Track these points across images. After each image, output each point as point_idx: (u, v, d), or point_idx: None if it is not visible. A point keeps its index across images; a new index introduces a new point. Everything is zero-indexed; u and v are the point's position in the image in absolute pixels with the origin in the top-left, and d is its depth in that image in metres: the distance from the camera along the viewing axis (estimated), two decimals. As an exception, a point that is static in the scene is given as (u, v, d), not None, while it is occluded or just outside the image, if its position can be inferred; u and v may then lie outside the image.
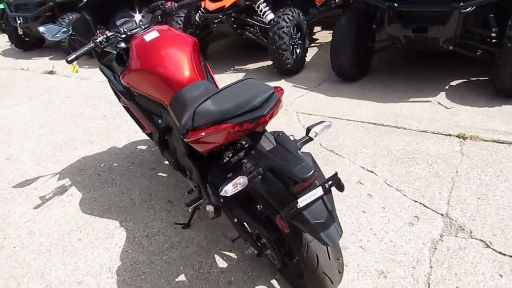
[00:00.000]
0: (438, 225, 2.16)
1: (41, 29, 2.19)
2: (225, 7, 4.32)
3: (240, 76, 4.62)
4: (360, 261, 2.00)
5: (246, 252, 1.90)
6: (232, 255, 2.11)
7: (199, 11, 4.53)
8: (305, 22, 4.48)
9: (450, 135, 2.96)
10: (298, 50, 4.46)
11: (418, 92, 3.65)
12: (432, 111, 3.32)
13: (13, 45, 6.73)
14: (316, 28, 5.98)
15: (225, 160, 1.80)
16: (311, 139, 1.53)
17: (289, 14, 4.21)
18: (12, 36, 6.43)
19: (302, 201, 1.30)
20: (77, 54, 2.01)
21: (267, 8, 4.42)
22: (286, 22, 4.16)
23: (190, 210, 2.17)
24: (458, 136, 2.92)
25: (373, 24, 3.87)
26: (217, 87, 2.37)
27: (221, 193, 1.32)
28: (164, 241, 2.26)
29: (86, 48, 2.07)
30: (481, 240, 2.03)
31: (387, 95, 3.66)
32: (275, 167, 1.35)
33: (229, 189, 1.32)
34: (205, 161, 1.87)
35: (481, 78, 3.72)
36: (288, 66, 4.29)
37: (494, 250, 1.97)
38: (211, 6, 4.39)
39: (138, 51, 1.97)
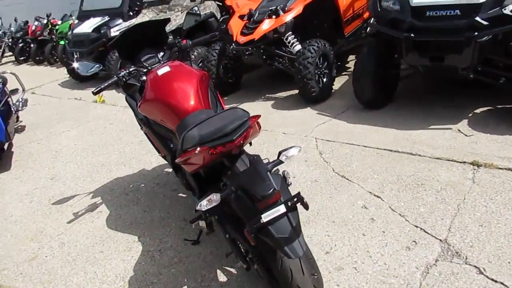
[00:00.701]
0: (435, 250, 2.18)
1: (75, 65, 2.55)
2: (255, 39, 4.60)
3: (269, 103, 4.83)
4: (351, 282, 2.07)
5: (237, 266, 2.05)
6: (233, 270, 2.26)
7: (233, 44, 4.85)
8: (332, 52, 4.65)
9: (464, 162, 2.95)
10: (324, 79, 4.62)
11: (440, 119, 3.65)
12: (450, 138, 3.32)
13: (70, 77, 7.48)
14: (351, 57, 6.10)
15: (222, 182, 1.98)
16: (281, 162, 1.68)
17: (314, 45, 4.40)
18: (70, 68, 7.15)
19: (266, 217, 1.45)
20: (102, 86, 2.33)
21: (295, 39, 4.65)
22: (311, 53, 4.35)
23: (193, 226, 2.36)
24: (472, 164, 2.91)
25: (395, 53, 3.96)
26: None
27: (197, 208, 1.50)
28: (174, 255, 2.46)
29: (110, 81, 2.38)
30: (475, 266, 2.04)
31: (408, 122, 3.69)
32: (244, 186, 1.52)
33: (203, 204, 1.50)
34: (206, 182, 2.06)
35: (508, 106, 3.66)
36: (314, 94, 4.45)
37: (487, 276, 1.97)
38: (242, 39, 4.69)
39: (151, 84, 2.25)
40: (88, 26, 6.67)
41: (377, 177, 2.95)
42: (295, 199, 1.51)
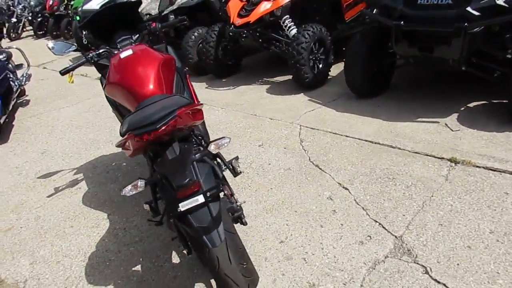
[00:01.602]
0: (387, 247, 2.17)
1: (50, 44, 2.60)
2: (251, 22, 4.55)
3: (264, 87, 4.81)
4: (297, 272, 2.09)
5: (180, 250, 2.09)
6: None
7: (230, 26, 4.81)
8: (329, 37, 4.55)
9: (442, 158, 2.88)
10: (320, 65, 4.54)
11: (430, 112, 3.55)
12: (435, 132, 3.23)
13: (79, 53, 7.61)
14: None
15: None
16: (210, 152, 1.68)
17: (309, 30, 4.32)
18: (78, 44, 7.27)
19: (183, 206, 1.47)
20: (70, 67, 2.38)
21: (292, 23, 4.57)
22: (306, 38, 4.27)
23: (144, 207, 2.39)
24: (450, 160, 2.84)
25: (389, 41, 3.85)
26: (193, 99, 2.62)
27: (121, 193, 1.54)
28: (136, 234, 2.54)
29: (79, 62, 2.42)
30: (423, 266, 2.02)
31: (396, 114, 3.61)
32: (166, 174, 1.54)
33: (127, 190, 1.53)
34: None
35: (502, 101, 3.52)
36: (307, 80, 4.39)
37: (431, 276, 1.95)
38: (238, 21, 4.64)
39: (113, 66, 2.27)
40: (96, 3, 6.72)
41: (351, 168, 2.92)
42: (215, 190, 1.53)
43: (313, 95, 4.37)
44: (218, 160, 1.95)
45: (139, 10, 2.98)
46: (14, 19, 10.87)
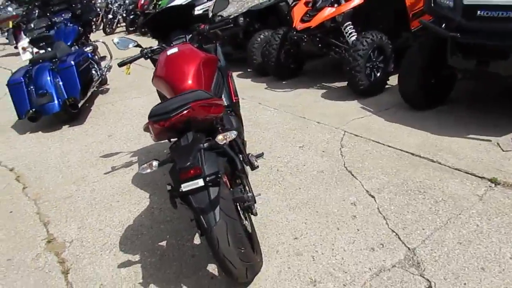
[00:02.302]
0: (397, 257, 2.17)
1: (115, 40, 2.96)
2: (311, 27, 4.65)
3: (320, 92, 4.87)
4: (302, 268, 2.18)
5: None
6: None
7: (293, 30, 4.95)
8: (390, 46, 4.48)
9: (483, 177, 2.76)
10: (378, 73, 4.49)
11: (483, 129, 3.37)
12: (483, 151, 3.08)
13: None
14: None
15: None
16: (217, 143, 1.84)
17: (368, 38, 4.30)
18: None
19: (185, 186, 1.66)
20: (127, 60, 2.71)
21: (353, 30, 4.59)
22: (363, 45, 4.27)
23: None
24: (490, 180, 2.71)
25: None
26: (231, 95, 2.81)
27: (138, 171, 1.77)
28: (169, 215, 2.80)
29: (135, 56, 2.75)
30: (427, 280, 2.00)
31: (446, 128, 3.48)
32: (174, 158, 1.74)
33: (143, 168, 1.76)
34: None
35: None
36: (362, 87, 4.38)
37: (432, 291, 1.93)
38: (299, 26, 4.76)
39: (160, 62, 2.54)
40: (179, 2, 7.27)
41: (383, 177, 2.91)
42: (214, 176, 1.69)
43: (366, 102, 4.34)
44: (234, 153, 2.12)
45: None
46: (110, 16, 12.07)
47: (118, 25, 12.38)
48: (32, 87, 4.45)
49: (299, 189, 2.90)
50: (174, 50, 2.57)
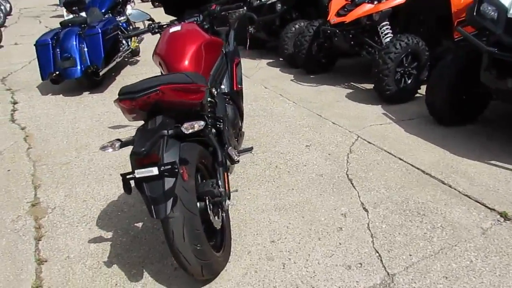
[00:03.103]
0: (372, 280, 2.00)
1: (129, 11, 2.91)
2: (345, 22, 4.40)
3: (346, 91, 4.64)
4: (269, 274, 2.05)
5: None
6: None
7: (327, 23, 4.72)
8: (427, 52, 4.17)
9: (493, 209, 2.49)
10: (408, 80, 4.21)
11: (509, 157, 3.06)
12: (502, 180, 2.79)
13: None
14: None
15: None
16: (181, 131, 1.72)
17: (403, 41, 4.02)
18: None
19: (138, 173, 1.56)
20: (131, 33, 2.65)
21: (389, 31, 4.31)
22: (396, 48, 4.00)
23: None
24: (500, 214, 2.44)
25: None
26: (233, 83, 2.68)
27: (99, 149, 1.70)
28: (154, 196, 2.73)
29: (141, 30, 2.68)
30: (397, 312, 1.82)
31: (468, 149, 3.20)
32: (134, 141, 1.65)
33: (105, 146, 1.68)
34: None
35: None
36: (388, 93, 4.12)
37: (398, 326, 1.75)
38: (333, 20, 4.53)
39: (161, 38, 2.45)
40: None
41: (384, 192, 2.71)
42: (164, 167, 1.58)
43: (391, 109, 4.08)
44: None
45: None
46: (160, -11, 12.19)
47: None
48: (58, 50, 4.52)
49: (291, 190, 2.76)
50: (177, 28, 2.47)
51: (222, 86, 2.61)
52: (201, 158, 1.99)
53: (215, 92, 2.41)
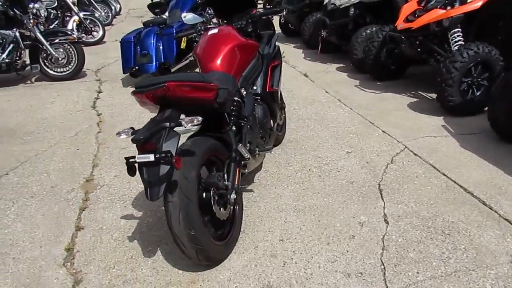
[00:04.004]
0: (367, 292, 1.97)
1: (183, 14, 3.16)
2: (412, 28, 4.22)
3: (408, 101, 4.44)
4: (268, 270, 2.12)
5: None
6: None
7: (394, 29, 4.56)
8: (501, 63, 3.82)
9: (533, 239, 2.26)
10: (477, 92, 3.90)
11: None
12: (558, 208, 2.50)
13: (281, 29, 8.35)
14: None
15: None
16: (180, 123, 1.86)
17: (472, 49, 3.74)
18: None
19: (138, 158, 1.75)
20: (180, 34, 2.90)
21: (460, 38, 4.04)
22: (463, 57, 3.73)
23: None
24: (540, 245, 2.21)
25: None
26: (266, 85, 2.78)
27: (115, 134, 1.93)
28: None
29: (189, 31, 2.91)
30: (382, 326, 1.78)
31: (528, 171, 2.90)
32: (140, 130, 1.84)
33: (121, 132, 1.90)
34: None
35: None
36: (451, 104, 3.86)
37: None
38: (401, 25, 4.37)
39: (200, 40, 2.65)
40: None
41: (412, 206, 2.60)
42: (164, 155, 1.74)
43: (452, 121, 3.83)
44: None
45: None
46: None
47: (259, 1, 12.84)
48: (138, 47, 5.02)
49: (316, 194, 2.77)
50: (214, 30, 2.64)
51: (255, 87, 2.72)
52: (212, 151, 2.14)
53: (244, 92, 2.54)
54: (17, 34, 5.26)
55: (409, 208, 2.57)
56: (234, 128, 2.37)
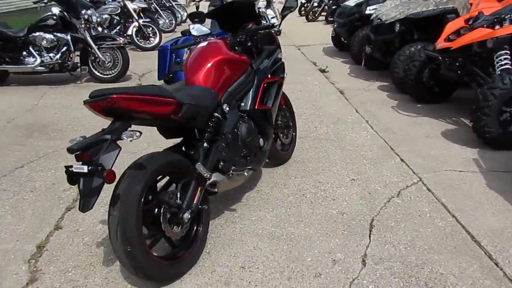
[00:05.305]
0: None
1: (191, 26, 3.15)
2: (451, 48, 3.82)
3: (444, 127, 4.02)
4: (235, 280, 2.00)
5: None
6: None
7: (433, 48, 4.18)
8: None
9: (535, 308, 1.89)
10: (521, 124, 3.42)
11: None
12: None
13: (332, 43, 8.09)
14: None
15: None
16: (116, 139, 1.80)
17: (516, 76, 3.29)
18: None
19: (75, 168, 1.72)
20: (180, 45, 2.89)
21: (507, 62, 3.58)
22: (504, 84, 3.31)
23: None
24: (540, 316, 1.83)
25: None
26: (255, 101, 2.65)
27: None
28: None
29: (190, 42, 2.89)
30: None
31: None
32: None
33: (71, 141, 1.88)
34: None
35: None
36: (488, 135, 3.42)
37: None
38: (440, 45, 3.99)
39: (191, 52, 2.60)
40: (353, 0, 6.97)
41: (401, 249, 2.30)
42: (95, 168, 1.69)
43: (487, 155, 3.39)
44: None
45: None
46: (315, 3, 12.45)
47: (322, 13, 12.65)
48: (174, 55, 5.13)
49: (299, 222, 2.58)
50: (204, 43, 2.58)
51: (242, 103, 2.61)
52: (169, 167, 2.07)
53: (227, 109, 2.45)
54: (69, 37, 5.65)
55: (397, 251, 2.28)
56: (205, 144, 2.28)
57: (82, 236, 2.50)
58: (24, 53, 5.65)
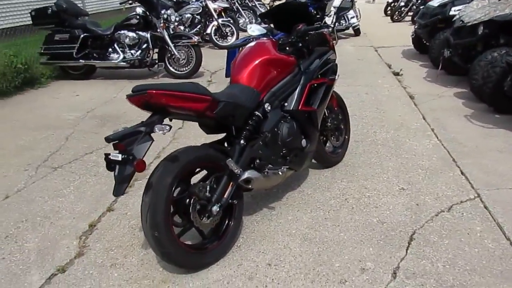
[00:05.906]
0: None
1: (249, 25, 3.23)
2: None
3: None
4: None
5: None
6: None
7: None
8: None
9: None
10: None
11: None
12: None
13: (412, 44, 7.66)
14: None
15: None
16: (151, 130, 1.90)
17: None
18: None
19: (112, 156, 1.88)
20: (233, 45, 2.98)
21: None
22: None
23: None
24: None
25: None
26: (298, 102, 2.65)
27: None
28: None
29: (242, 43, 2.97)
30: None
31: None
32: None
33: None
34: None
35: None
36: None
37: None
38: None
39: (242, 49, 2.66)
40: (437, 1, 6.53)
41: (439, 266, 2.16)
42: (126, 156, 1.83)
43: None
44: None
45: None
46: (402, 3, 11.86)
47: (409, 13, 12.00)
48: (241, 53, 5.29)
49: (336, 226, 2.53)
50: (252, 43, 2.64)
51: (286, 104, 2.62)
52: (203, 161, 2.18)
53: (269, 108, 2.49)
54: (149, 35, 6.08)
55: (433, 268, 2.15)
56: (242, 141, 2.35)
57: (129, 219, 2.71)
58: (110, 49, 6.21)
